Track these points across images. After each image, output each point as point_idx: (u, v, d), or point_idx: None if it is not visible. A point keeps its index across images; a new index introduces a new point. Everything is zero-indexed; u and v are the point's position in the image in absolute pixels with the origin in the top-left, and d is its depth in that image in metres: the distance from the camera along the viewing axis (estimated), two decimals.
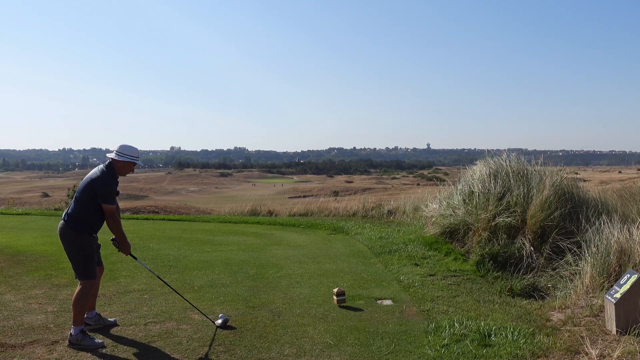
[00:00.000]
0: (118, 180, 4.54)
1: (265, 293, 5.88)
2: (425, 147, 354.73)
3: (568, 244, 6.60)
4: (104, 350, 4.10)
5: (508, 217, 7.47)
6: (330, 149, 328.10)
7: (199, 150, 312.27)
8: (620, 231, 5.81)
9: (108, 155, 4.48)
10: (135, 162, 4.49)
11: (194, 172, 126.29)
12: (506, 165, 8.60)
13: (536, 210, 7.27)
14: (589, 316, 4.72)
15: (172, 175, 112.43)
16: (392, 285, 6.31)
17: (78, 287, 4.31)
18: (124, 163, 4.44)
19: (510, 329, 4.52)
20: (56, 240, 8.97)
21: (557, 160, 9.50)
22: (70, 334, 4.18)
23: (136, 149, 4.52)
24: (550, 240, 6.96)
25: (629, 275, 4.44)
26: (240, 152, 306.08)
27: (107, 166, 4.43)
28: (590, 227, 6.41)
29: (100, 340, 4.23)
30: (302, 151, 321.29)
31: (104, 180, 4.32)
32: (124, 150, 4.43)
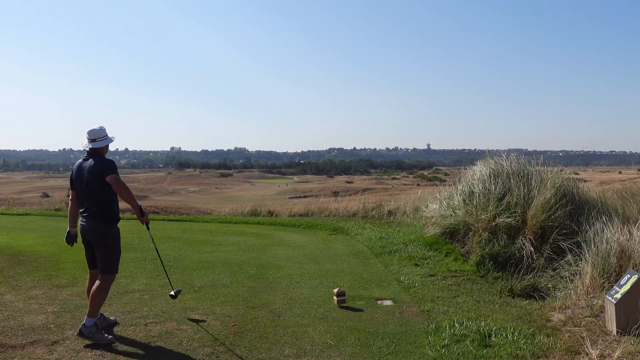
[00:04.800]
0: (92, 163, 4.48)
1: (265, 293, 5.88)
2: (426, 147, 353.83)
3: (568, 244, 6.60)
4: (104, 350, 4.10)
5: (508, 217, 7.47)
6: (331, 149, 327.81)
7: (199, 150, 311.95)
8: (621, 231, 5.81)
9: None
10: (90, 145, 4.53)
11: (194, 172, 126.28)
12: (506, 166, 8.61)
13: (537, 210, 7.27)
14: (590, 316, 4.72)
15: (172, 176, 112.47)
16: (392, 285, 6.31)
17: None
18: None
19: (510, 329, 4.52)
20: (56, 241, 9.02)
21: (557, 161, 9.50)
22: (84, 324, 4.22)
23: (91, 130, 4.52)
24: (551, 241, 6.97)
25: (629, 276, 4.44)
26: (240, 152, 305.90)
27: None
28: (591, 228, 6.42)
29: (110, 336, 4.31)
30: (302, 151, 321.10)
31: None
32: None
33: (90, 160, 4.45)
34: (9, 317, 4.79)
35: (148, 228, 4.68)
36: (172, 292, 5.03)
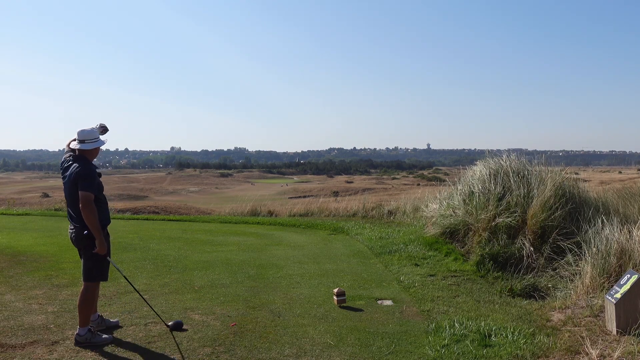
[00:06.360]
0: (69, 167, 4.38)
1: (265, 293, 5.88)
2: (426, 147, 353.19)
3: (568, 244, 6.60)
4: (104, 350, 4.10)
5: (508, 217, 7.47)
6: (331, 149, 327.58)
7: (199, 150, 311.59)
8: (621, 231, 5.81)
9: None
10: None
11: (194, 172, 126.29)
12: (506, 166, 8.61)
13: (537, 210, 7.27)
14: (589, 316, 4.72)
15: (172, 176, 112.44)
16: (392, 285, 6.31)
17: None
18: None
19: (510, 329, 4.52)
20: (56, 241, 9.01)
21: (557, 161, 9.49)
22: (77, 334, 4.21)
23: (81, 130, 4.34)
24: (551, 241, 6.97)
25: (629, 276, 4.44)
26: (240, 152, 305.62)
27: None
28: (591, 228, 6.42)
29: (110, 336, 4.32)
30: (302, 151, 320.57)
31: None
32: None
33: (74, 164, 4.26)
34: (9, 317, 4.79)
35: (108, 258, 4.38)
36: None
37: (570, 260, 6.30)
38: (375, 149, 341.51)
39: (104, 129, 4.64)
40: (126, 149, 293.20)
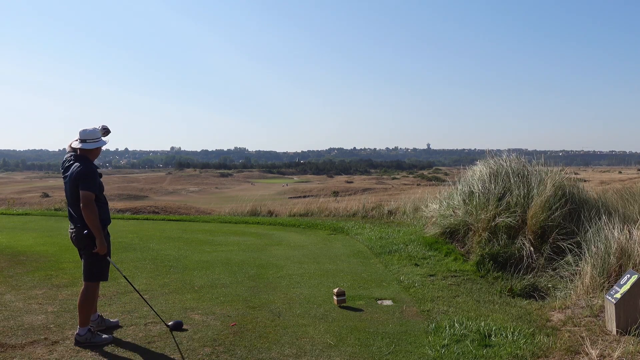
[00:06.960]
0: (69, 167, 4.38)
1: (265, 293, 5.88)
2: (426, 147, 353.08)
3: (568, 244, 6.61)
4: (104, 350, 4.10)
5: (508, 217, 7.47)
6: (331, 149, 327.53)
7: (199, 150, 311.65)
8: (621, 231, 5.81)
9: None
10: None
11: (194, 172, 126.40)
12: (506, 166, 8.61)
13: (537, 210, 7.27)
14: (589, 316, 4.72)
15: (172, 176, 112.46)
16: (392, 285, 6.31)
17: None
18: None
19: (510, 329, 4.52)
20: (56, 241, 9.02)
21: (557, 161, 9.50)
22: (77, 334, 4.21)
23: (83, 130, 4.33)
24: (551, 241, 6.97)
25: (629, 276, 4.44)
26: (240, 152, 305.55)
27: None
28: (591, 228, 6.42)
29: (110, 336, 4.33)
30: (302, 151, 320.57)
31: None
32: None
33: (75, 164, 4.27)
34: (9, 317, 4.79)
35: (108, 258, 4.38)
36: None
37: (570, 260, 6.30)
38: (375, 149, 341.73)
39: (106, 131, 4.66)
40: (126, 149, 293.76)
